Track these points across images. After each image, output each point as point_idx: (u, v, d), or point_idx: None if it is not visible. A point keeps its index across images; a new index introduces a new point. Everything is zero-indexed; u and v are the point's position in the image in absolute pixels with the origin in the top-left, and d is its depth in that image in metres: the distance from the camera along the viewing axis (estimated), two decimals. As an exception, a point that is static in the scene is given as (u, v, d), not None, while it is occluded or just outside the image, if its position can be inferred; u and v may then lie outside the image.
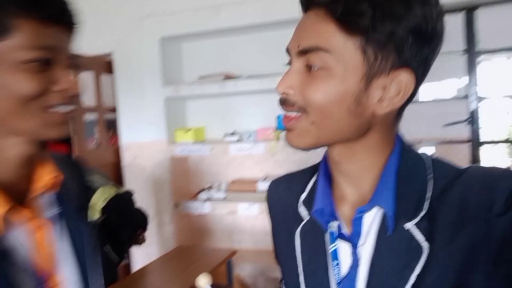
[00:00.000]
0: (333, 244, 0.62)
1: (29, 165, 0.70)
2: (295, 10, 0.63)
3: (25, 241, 0.66)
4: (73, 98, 0.66)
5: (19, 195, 0.68)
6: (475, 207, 0.52)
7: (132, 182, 2.49)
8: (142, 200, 2.22)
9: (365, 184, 0.61)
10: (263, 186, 2.14)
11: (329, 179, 0.66)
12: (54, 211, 0.73)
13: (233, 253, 2.04)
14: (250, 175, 2.36)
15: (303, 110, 0.56)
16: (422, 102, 2.11)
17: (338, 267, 0.61)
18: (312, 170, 0.72)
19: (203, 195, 2.29)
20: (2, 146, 0.65)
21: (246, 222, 2.39)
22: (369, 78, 0.53)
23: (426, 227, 0.55)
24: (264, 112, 2.29)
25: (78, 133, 2.35)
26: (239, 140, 2.21)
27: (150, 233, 2.17)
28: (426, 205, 0.56)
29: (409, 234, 0.55)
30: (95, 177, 1.80)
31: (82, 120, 2.41)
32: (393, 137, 0.62)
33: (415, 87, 0.56)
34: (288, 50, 0.59)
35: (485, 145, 2.07)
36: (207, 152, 2.22)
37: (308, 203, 0.67)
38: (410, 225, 0.56)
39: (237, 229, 2.45)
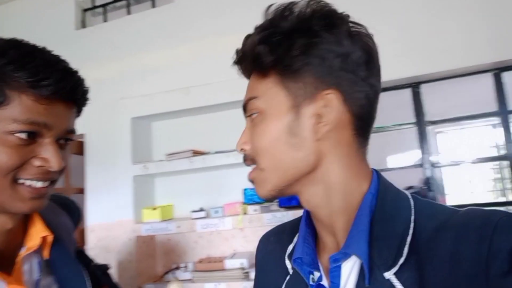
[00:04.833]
0: None
1: (13, 234, 0.68)
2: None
3: None
4: (51, 173, 0.65)
5: (6, 262, 0.65)
6: (471, 263, 0.44)
7: (95, 265, 2.35)
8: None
9: (339, 229, 0.56)
10: (231, 264, 2.05)
11: (313, 227, 0.62)
12: (36, 276, 0.70)
13: None
14: (219, 253, 2.27)
15: (253, 160, 0.58)
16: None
17: None
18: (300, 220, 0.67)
19: (168, 277, 2.17)
20: None
21: (214, 304, 2.23)
22: (296, 108, 0.54)
23: (409, 277, 0.47)
24: (231, 187, 2.29)
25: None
26: (206, 216, 2.17)
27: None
28: (405, 251, 0.49)
29: (389, 284, 0.48)
30: None
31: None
32: (365, 174, 0.57)
33: (354, 102, 0.54)
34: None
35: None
36: (173, 230, 2.16)
37: (292, 254, 0.62)
38: (389, 275, 0.48)
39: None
